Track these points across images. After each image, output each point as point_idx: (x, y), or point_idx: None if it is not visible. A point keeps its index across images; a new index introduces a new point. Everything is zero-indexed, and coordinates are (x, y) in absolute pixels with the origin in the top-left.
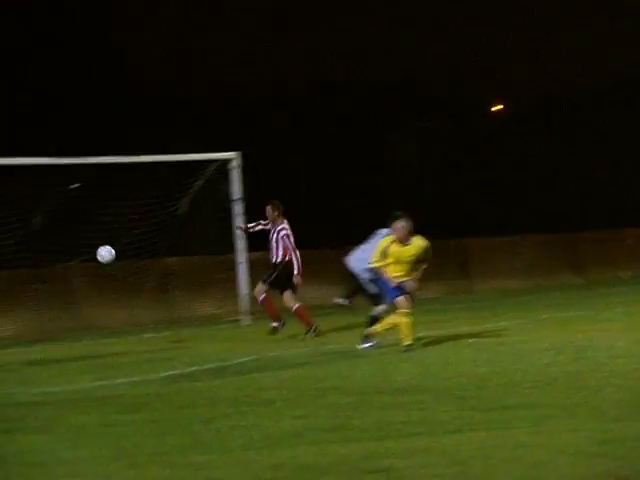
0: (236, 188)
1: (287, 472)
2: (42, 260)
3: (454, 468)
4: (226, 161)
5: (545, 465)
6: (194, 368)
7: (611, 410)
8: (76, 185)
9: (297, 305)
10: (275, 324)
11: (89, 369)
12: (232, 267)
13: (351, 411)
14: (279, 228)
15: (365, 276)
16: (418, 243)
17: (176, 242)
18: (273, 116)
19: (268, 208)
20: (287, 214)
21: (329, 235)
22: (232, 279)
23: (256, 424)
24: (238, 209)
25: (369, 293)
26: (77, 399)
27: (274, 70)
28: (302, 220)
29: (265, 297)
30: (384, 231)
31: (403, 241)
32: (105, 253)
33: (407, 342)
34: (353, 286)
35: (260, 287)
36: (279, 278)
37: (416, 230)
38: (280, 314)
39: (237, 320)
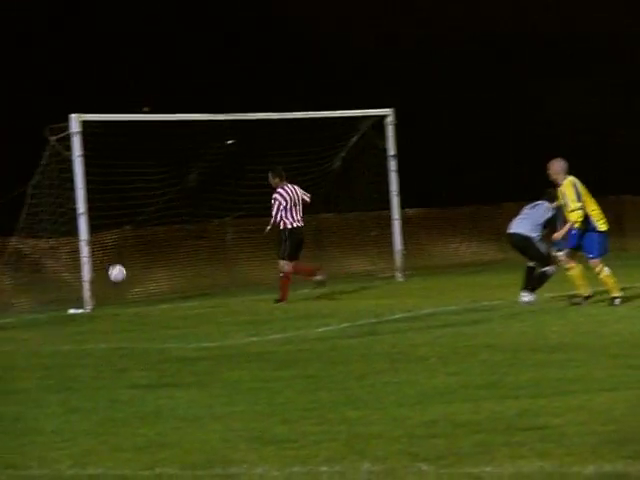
0: (391, 144)
1: (440, 429)
2: (197, 216)
3: (608, 426)
4: (381, 117)
5: None
6: (348, 324)
7: None
8: (231, 141)
9: (287, 271)
10: (319, 277)
11: (243, 325)
12: (387, 224)
13: (505, 368)
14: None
15: (535, 235)
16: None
17: (330, 198)
18: (428, 70)
19: (269, 175)
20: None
21: (480, 191)
22: (386, 236)
23: (410, 381)
24: (393, 165)
25: (541, 253)
26: (232, 355)
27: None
28: (453, 176)
29: (289, 269)
30: (544, 204)
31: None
32: (117, 273)
33: (616, 294)
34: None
35: (281, 264)
36: (288, 246)
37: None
38: (313, 267)
39: (391, 277)
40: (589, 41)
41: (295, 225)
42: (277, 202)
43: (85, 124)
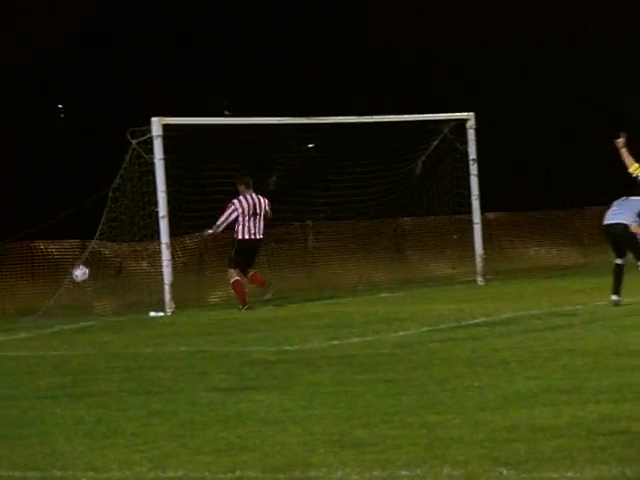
0: (472, 148)
1: (522, 433)
2: (277, 220)
3: None
4: (462, 121)
5: None
6: (428, 328)
7: None
8: (311, 145)
9: (235, 279)
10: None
11: (323, 328)
12: (467, 228)
13: (586, 373)
14: None
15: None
16: None
17: (410, 202)
18: (509, 73)
19: (236, 182)
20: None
21: (561, 195)
22: (467, 240)
23: (491, 385)
24: (473, 169)
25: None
26: (312, 358)
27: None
28: (534, 180)
29: (236, 278)
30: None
31: None
32: (79, 273)
33: None
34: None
35: (229, 272)
36: (234, 256)
37: None
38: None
39: (472, 281)
40: None
41: (247, 237)
42: (230, 209)
43: (166, 127)
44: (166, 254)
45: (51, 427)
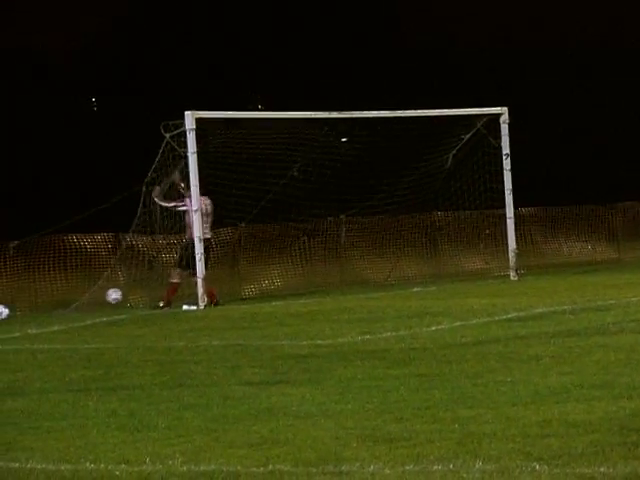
0: (505, 143)
1: (555, 428)
2: (310, 214)
3: None
4: (496, 116)
5: None
6: (460, 323)
7: None
8: (344, 140)
9: (175, 281)
10: (165, 306)
11: (356, 322)
12: (500, 222)
13: (619, 368)
14: None
15: None
16: None
17: (444, 196)
18: (543, 69)
19: (180, 184)
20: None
21: (593, 191)
22: (501, 234)
23: (523, 380)
24: (507, 164)
25: None
26: (344, 352)
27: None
28: (567, 175)
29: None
30: None
31: None
32: (114, 296)
33: None
34: None
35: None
36: (185, 256)
37: None
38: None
39: (505, 275)
40: None
41: (204, 237)
42: (185, 203)
43: (199, 121)
44: (199, 247)
45: (84, 420)
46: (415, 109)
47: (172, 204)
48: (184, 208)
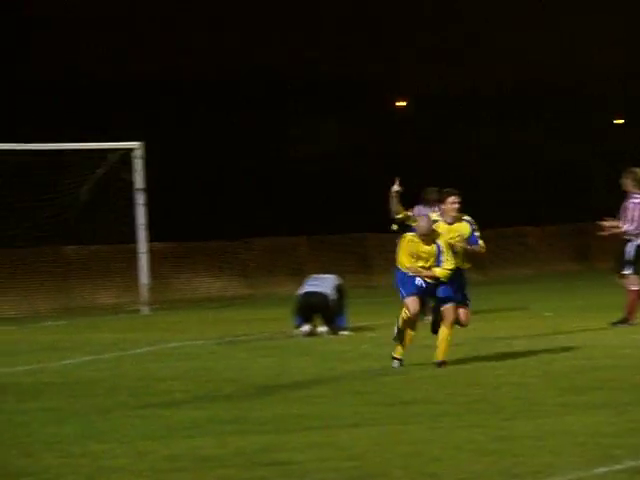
0: (139, 178)
1: (185, 463)
2: None
3: (351, 462)
4: (129, 150)
5: (443, 461)
6: (92, 357)
7: (508, 407)
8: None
9: None
10: None
11: None
12: (133, 257)
13: (250, 403)
14: None
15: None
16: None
17: (76, 230)
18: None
19: None
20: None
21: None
22: (133, 269)
23: (155, 414)
24: (140, 199)
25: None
26: None
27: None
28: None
29: None
30: None
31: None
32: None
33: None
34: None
35: None
36: None
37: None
38: None
39: (138, 310)
40: None
41: None
42: None
43: None
44: None
45: None
46: (52, 142)
47: None
48: None
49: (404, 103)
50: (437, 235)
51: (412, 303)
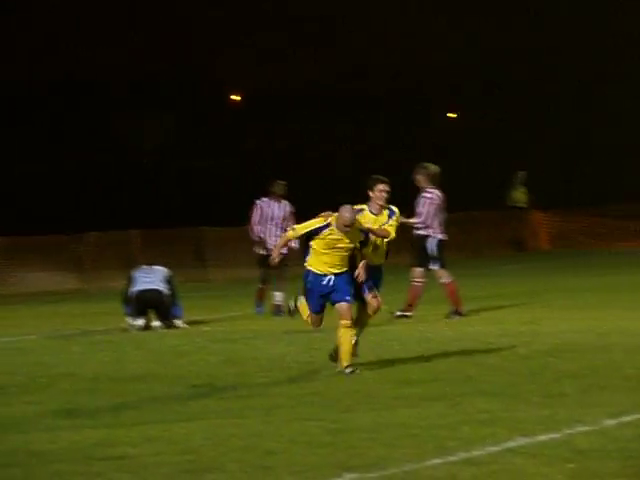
0: None
1: (18, 458)
2: None
3: (185, 456)
4: None
5: (277, 454)
6: None
7: (343, 400)
8: None
9: None
10: None
11: None
12: None
13: (85, 398)
14: None
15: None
16: None
17: None
18: None
19: None
20: None
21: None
22: None
23: None
24: None
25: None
26: None
27: None
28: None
29: None
30: None
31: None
32: None
33: None
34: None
35: None
36: None
37: (154, 218)
38: None
39: None
40: None
41: None
42: None
43: None
44: None
45: None
46: None
47: None
48: None
49: (239, 97)
50: (360, 226)
51: (315, 321)
